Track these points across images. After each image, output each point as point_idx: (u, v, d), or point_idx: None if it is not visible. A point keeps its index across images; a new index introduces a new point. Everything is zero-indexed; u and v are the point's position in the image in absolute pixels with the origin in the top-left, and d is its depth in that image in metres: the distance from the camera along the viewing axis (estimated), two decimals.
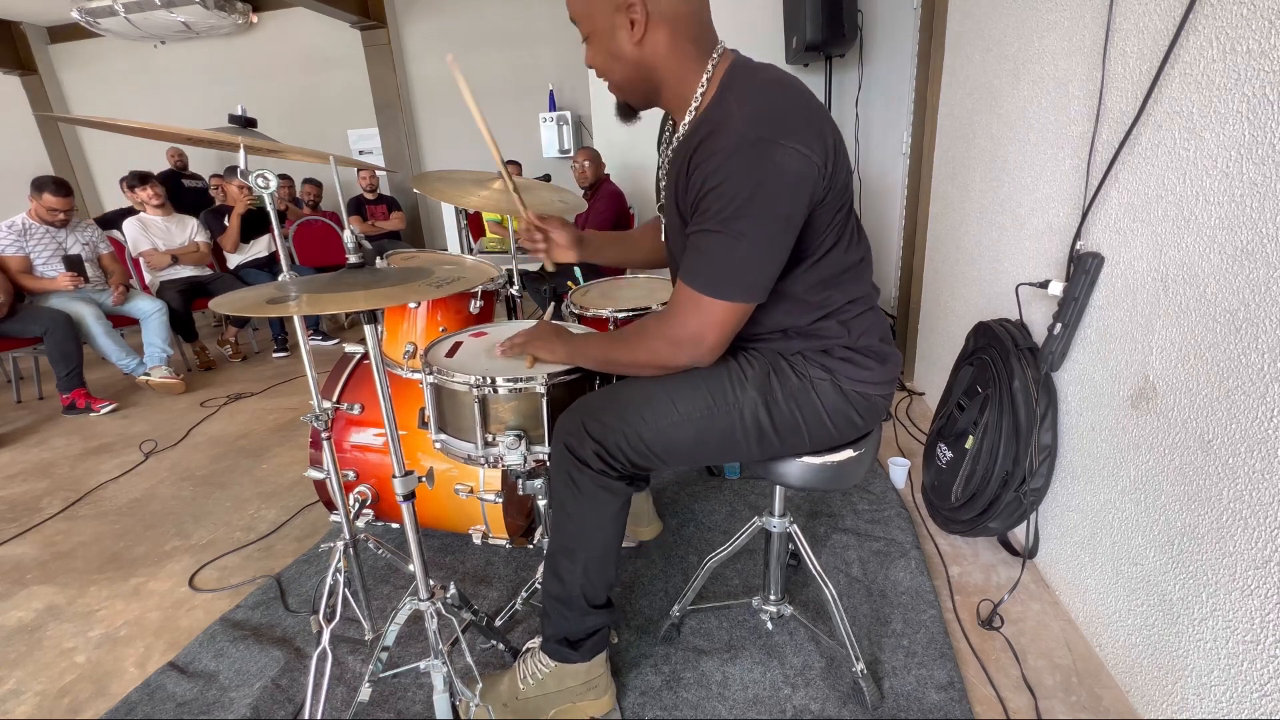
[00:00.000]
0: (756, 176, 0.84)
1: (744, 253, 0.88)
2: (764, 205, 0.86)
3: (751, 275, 0.91)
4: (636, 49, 0.94)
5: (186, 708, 1.30)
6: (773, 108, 0.88)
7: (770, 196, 0.85)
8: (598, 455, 1.03)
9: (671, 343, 0.98)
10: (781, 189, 0.86)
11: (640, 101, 1.04)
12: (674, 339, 0.97)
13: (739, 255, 0.89)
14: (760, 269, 0.91)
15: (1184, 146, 1.09)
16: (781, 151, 0.84)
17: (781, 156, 0.84)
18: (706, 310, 0.93)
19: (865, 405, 1.05)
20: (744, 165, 0.84)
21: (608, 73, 1.00)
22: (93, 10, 5.19)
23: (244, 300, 0.89)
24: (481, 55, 5.59)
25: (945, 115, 2.41)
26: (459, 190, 1.50)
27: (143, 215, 3.73)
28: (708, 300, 0.92)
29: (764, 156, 0.84)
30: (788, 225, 0.89)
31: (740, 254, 0.88)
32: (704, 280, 0.91)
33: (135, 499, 2.20)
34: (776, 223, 0.88)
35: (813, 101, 0.92)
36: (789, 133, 0.85)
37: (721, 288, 0.91)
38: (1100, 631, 1.35)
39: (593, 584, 1.12)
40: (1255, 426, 0.93)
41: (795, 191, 0.87)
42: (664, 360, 1.00)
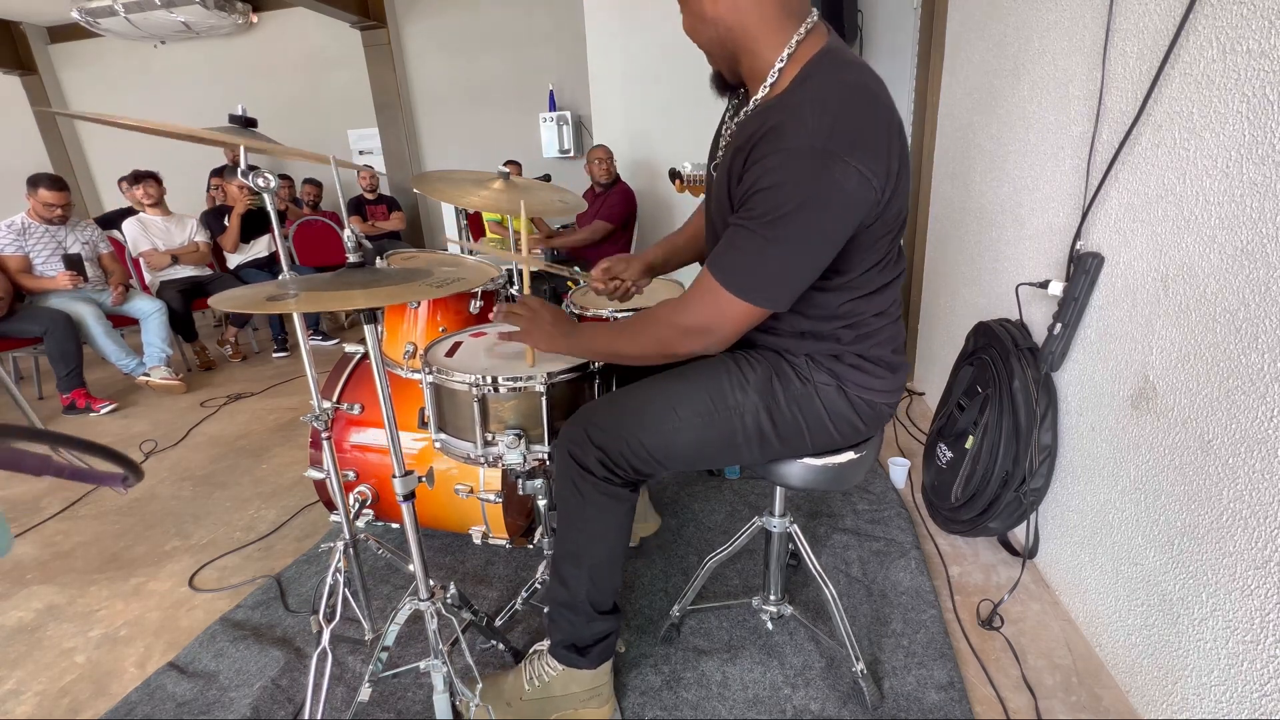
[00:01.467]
0: (811, 189, 0.81)
1: (777, 260, 0.86)
2: (810, 218, 0.83)
3: (779, 283, 0.89)
4: (714, 6, 0.89)
5: (186, 708, 1.30)
6: (848, 119, 0.82)
7: (819, 212, 0.83)
8: (601, 462, 1.03)
9: (682, 330, 0.95)
10: (833, 207, 0.83)
11: (727, 69, 0.99)
12: (685, 327, 0.95)
13: (771, 261, 0.86)
14: (789, 280, 0.89)
15: (1184, 146, 1.09)
16: (843, 169, 0.81)
17: (842, 174, 0.81)
18: (725, 305, 0.90)
19: (870, 412, 1.05)
20: (802, 174, 0.81)
21: (695, 36, 0.96)
22: (93, 10, 5.19)
23: (243, 297, 0.89)
24: (481, 55, 5.59)
25: (945, 115, 2.41)
26: (459, 190, 1.50)
27: (142, 215, 3.73)
28: (728, 296, 0.89)
29: (825, 170, 0.81)
30: (828, 243, 0.87)
31: (773, 260, 0.86)
32: (730, 276, 0.89)
33: (135, 499, 2.20)
34: (818, 238, 0.86)
35: (894, 119, 0.87)
36: (857, 151, 0.81)
37: (746, 288, 0.89)
38: (1100, 631, 1.35)
39: (599, 590, 1.12)
40: (1255, 426, 0.93)
41: (846, 213, 0.84)
42: (671, 348, 0.97)
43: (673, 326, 0.96)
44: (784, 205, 0.82)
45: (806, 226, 0.84)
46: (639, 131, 3.81)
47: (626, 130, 3.83)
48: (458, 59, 5.66)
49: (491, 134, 5.73)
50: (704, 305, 0.92)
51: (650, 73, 3.65)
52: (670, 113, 3.71)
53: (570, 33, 4.97)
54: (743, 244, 0.87)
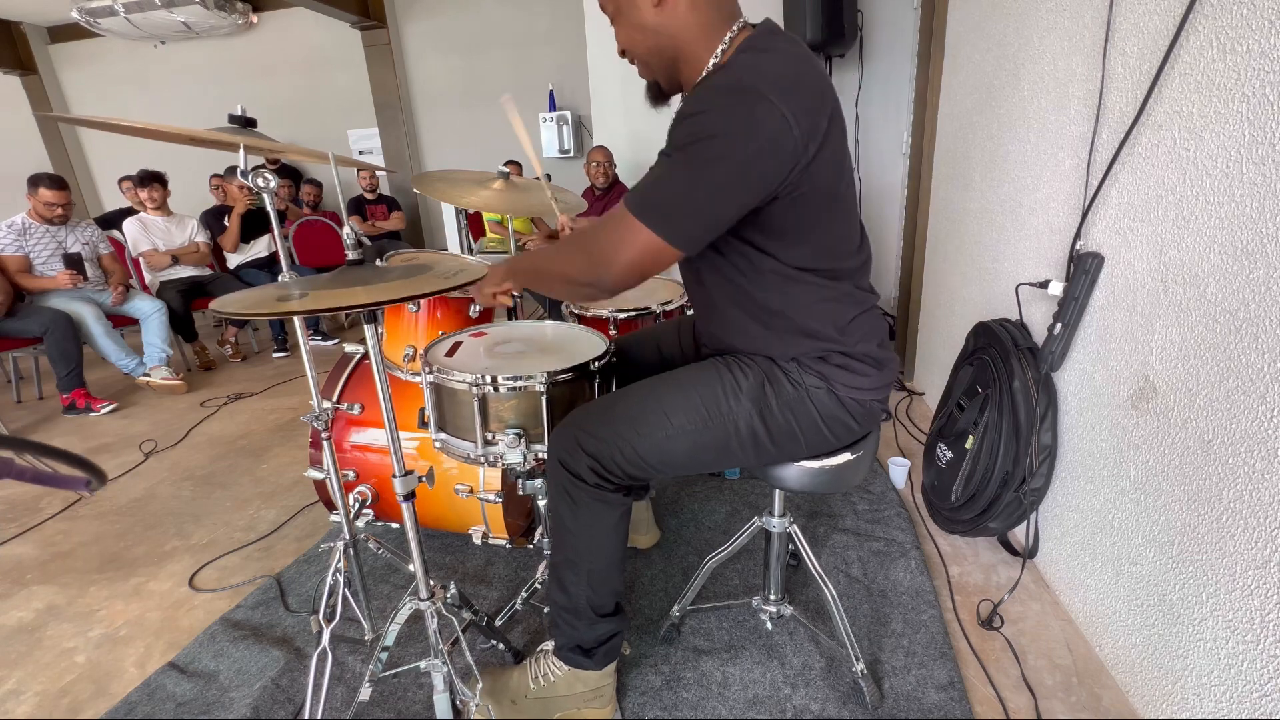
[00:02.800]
0: (730, 120, 0.81)
1: (686, 186, 0.85)
2: (724, 148, 0.82)
3: (684, 212, 0.86)
4: (656, 15, 0.93)
5: (186, 708, 1.30)
6: (776, 66, 0.85)
7: (735, 143, 0.81)
8: (592, 469, 1.02)
9: (586, 255, 0.93)
10: (750, 142, 0.81)
11: (666, 78, 1.02)
12: (589, 252, 0.92)
13: (681, 186, 0.85)
14: (696, 211, 0.86)
15: (1184, 147, 1.09)
16: (766, 107, 0.81)
17: (765, 112, 0.81)
18: (627, 230, 0.87)
19: (861, 411, 1.05)
20: (723, 104, 0.82)
21: (633, 48, 1.00)
22: (93, 10, 5.19)
23: (245, 301, 0.89)
24: (481, 55, 5.59)
25: (945, 115, 2.41)
26: (459, 190, 1.50)
27: (143, 215, 3.73)
28: (633, 221, 0.87)
29: (745, 105, 0.81)
30: (742, 181, 0.84)
31: (682, 185, 0.85)
32: (638, 200, 0.87)
33: (135, 499, 2.20)
34: (730, 172, 0.83)
35: (825, 83, 0.89)
36: (780, 93, 0.81)
37: (651, 213, 0.86)
38: (1100, 631, 1.35)
39: (598, 593, 1.12)
40: (1255, 426, 0.93)
41: (764, 153, 0.82)
42: (574, 273, 0.95)
43: (582, 250, 0.94)
44: (700, 132, 0.83)
45: (720, 156, 0.82)
46: (639, 132, 3.81)
47: (626, 130, 3.83)
48: (458, 59, 5.66)
49: (491, 134, 5.73)
50: (610, 231, 0.90)
51: None
52: (670, 113, 3.70)
53: (570, 33, 4.97)
54: (656, 169, 0.88)
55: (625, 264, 0.89)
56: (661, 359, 1.31)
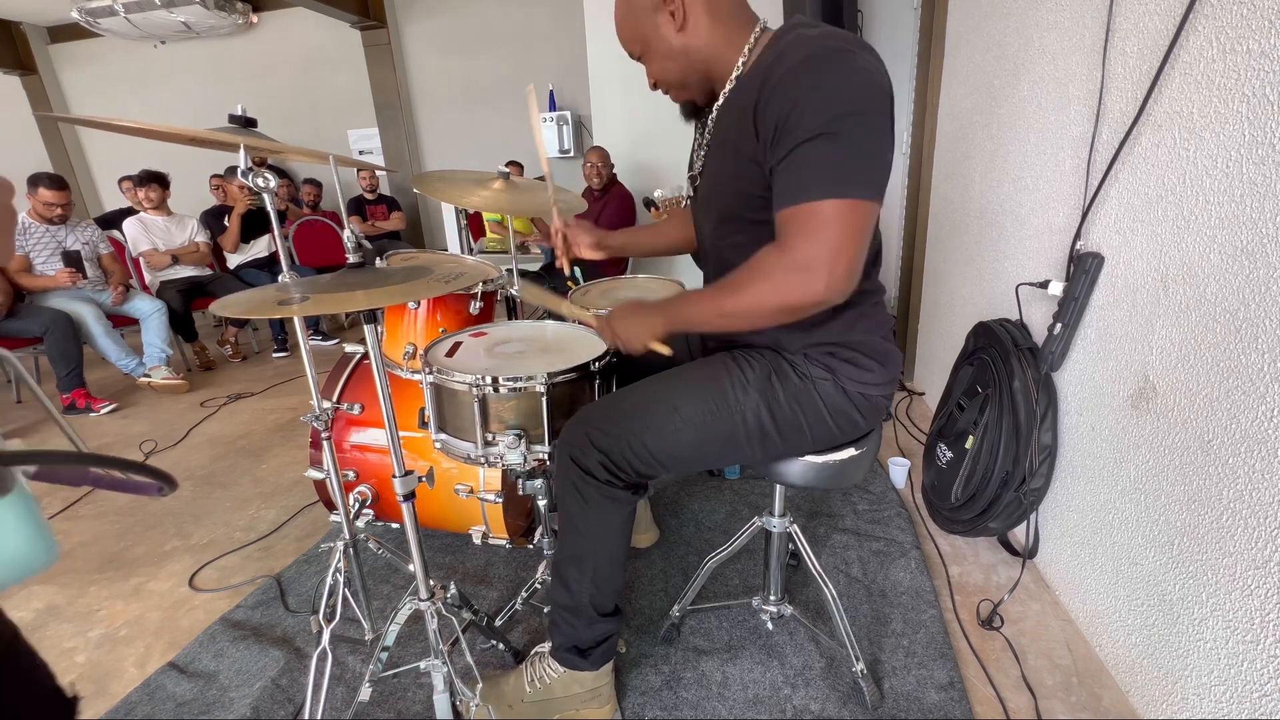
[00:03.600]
0: (844, 80, 0.80)
1: (855, 148, 0.80)
2: (860, 104, 0.80)
3: (866, 170, 0.81)
4: (682, 37, 0.95)
5: (186, 708, 1.30)
6: (840, 35, 0.86)
7: (863, 96, 0.80)
8: (603, 465, 1.03)
9: (798, 270, 0.82)
10: (870, 90, 0.81)
11: (702, 93, 1.03)
12: (799, 264, 0.82)
13: (851, 151, 0.80)
14: (873, 165, 0.82)
15: (1184, 147, 1.09)
16: (861, 59, 0.81)
17: (861, 63, 0.81)
18: (830, 219, 0.80)
19: (867, 405, 1.05)
20: (827, 71, 0.81)
21: (666, 77, 1.01)
22: (93, 10, 5.19)
23: (246, 302, 0.89)
24: (481, 55, 5.59)
25: (945, 115, 2.41)
26: (459, 190, 1.50)
27: (142, 215, 3.73)
28: (829, 206, 0.80)
29: (844, 63, 0.81)
30: (887, 123, 0.83)
31: (852, 149, 0.80)
32: (820, 187, 0.80)
33: (135, 499, 2.20)
34: (874, 121, 0.81)
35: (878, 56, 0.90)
36: (860, 49, 0.83)
37: (842, 186, 0.80)
38: (1100, 631, 1.35)
39: (601, 593, 1.12)
40: (1255, 426, 0.93)
41: (883, 97, 0.82)
42: (790, 296, 0.84)
43: (784, 269, 0.84)
44: (828, 103, 0.80)
45: (859, 111, 0.80)
46: (639, 132, 3.81)
47: (626, 131, 3.83)
48: (458, 59, 5.66)
49: (491, 134, 5.73)
50: (809, 233, 0.82)
51: None
52: (670, 113, 3.70)
53: (570, 33, 4.97)
54: (809, 157, 0.81)
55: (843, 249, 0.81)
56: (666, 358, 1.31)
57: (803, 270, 0.82)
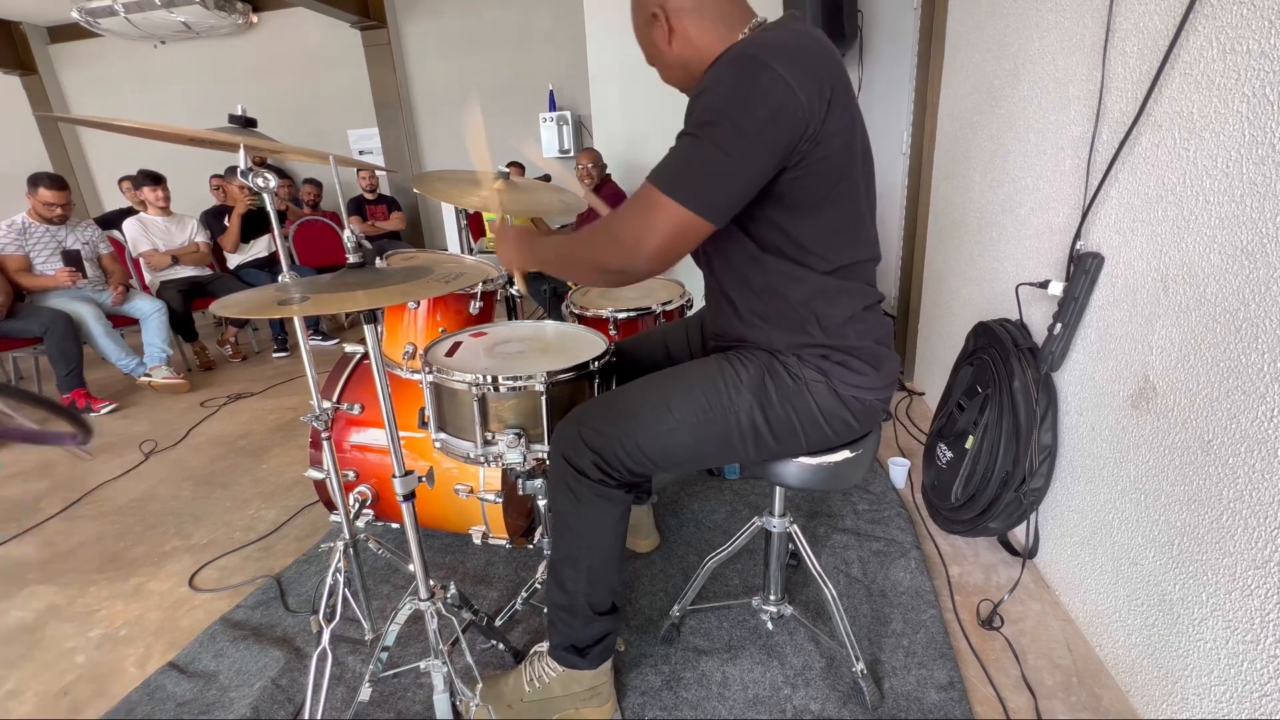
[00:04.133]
0: (738, 90, 0.84)
1: (709, 159, 0.85)
2: (738, 118, 0.83)
3: (711, 185, 0.86)
4: (675, 50, 1.01)
5: (186, 708, 1.30)
6: (777, 37, 0.88)
7: (746, 112, 0.83)
8: (596, 465, 1.03)
9: (614, 239, 0.92)
10: (759, 110, 0.83)
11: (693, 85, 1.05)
12: (617, 236, 0.91)
13: (704, 160, 0.86)
14: (721, 182, 0.86)
15: (1184, 146, 1.09)
16: (768, 75, 0.83)
17: (767, 79, 0.83)
18: (656, 209, 0.87)
19: (861, 408, 1.05)
20: (730, 76, 0.85)
21: (673, 81, 1.08)
22: (93, 10, 5.19)
23: (246, 302, 0.89)
24: (481, 55, 5.59)
25: (945, 115, 2.41)
26: (459, 190, 1.50)
27: (142, 215, 3.73)
28: (661, 199, 0.87)
29: (750, 74, 0.84)
30: (757, 149, 0.85)
31: (705, 159, 0.85)
32: (663, 178, 0.87)
33: (135, 499, 2.20)
34: (748, 140, 0.84)
35: (830, 53, 0.91)
36: (783, 61, 0.83)
37: (678, 188, 0.86)
38: (1100, 631, 1.35)
39: (597, 591, 1.12)
40: (1255, 426, 0.93)
41: (773, 120, 0.84)
42: (603, 259, 0.94)
43: (608, 234, 0.93)
44: (712, 106, 0.85)
45: (736, 125, 0.84)
46: (639, 132, 3.81)
47: (626, 130, 3.83)
48: (458, 59, 5.66)
49: (492, 134, 5.71)
50: (637, 211, 0.89)
51: (650, 73, 3.64)
52: (670, 113, 3.71)
53: (570, 33, 4.97)
54: (677, 148, 0.89)
55: (658, 244, 0.88)
56: (670, 359, 1.31)
57: (619, 242, 0.91)
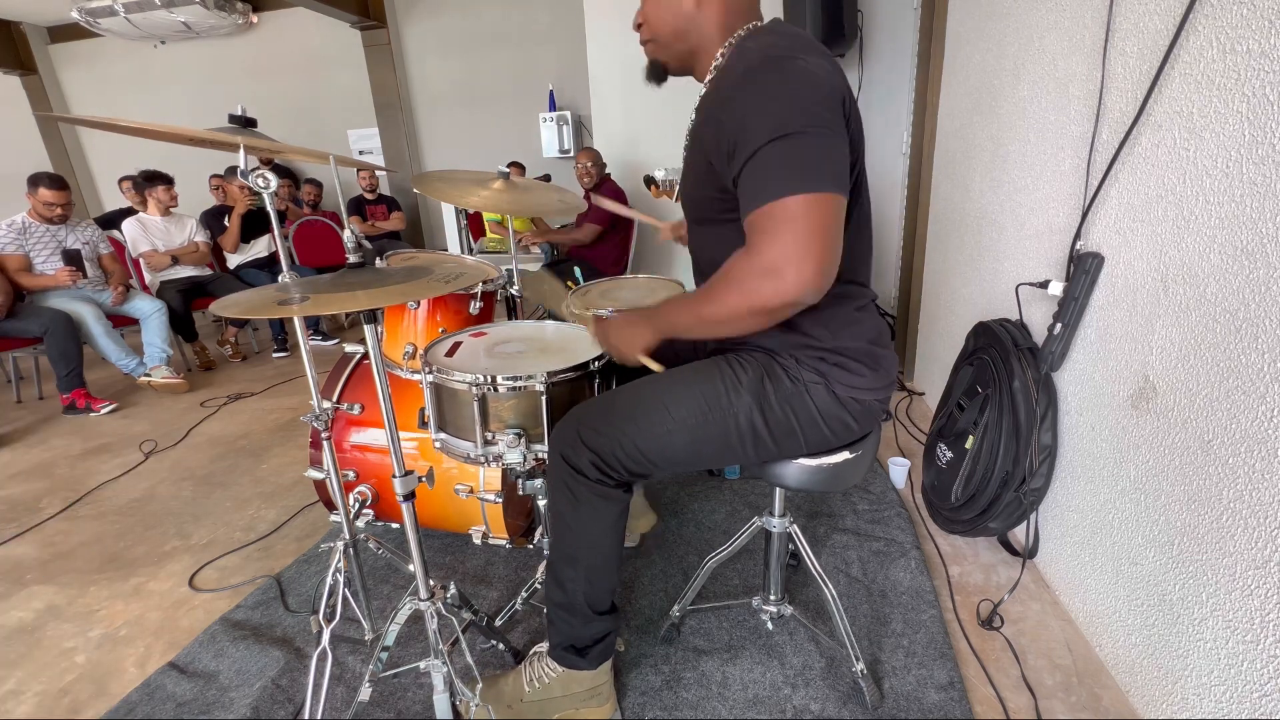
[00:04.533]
0: (787, 86, 0.83)
1: (806, 146, 0.81)
2: (803, 104, 0.82)
3: (825, 162, 0.82)
4: (694, 8, 0.98)
5: (186, 708, 1.30)
6: (787, 39, 0.89)
7: (806, 97, 0.82)
8: (594, 464, 1.03)
9: (766, 273, 0.82)
10: (814, 90, 0.83)
11: (675, 61, 1.05)
12: (767, 267, 0.82)
13: (805, 150, 0.81)
14: (830, 156, 0.82)
15: (1184, 146, 1.09)
16: (798, 64, 0.84)
17: (803, 68, 0.83)
18: (793, 216, 0.80)
19: (860, 410, 1.05)
20: (767, 80, 0.84)
21: (658, 26, 1.02)
22: (93, 10, 5.19)
23: (246, 302, 0.89)
24: (481, 55, 5.59)
25: (945, 115, 2.41)
26: (459, 190, 1.50)
27: (142, 215, 3.73)
28: (791, 203, 0.80)
29: (785, 69, 0.84)
30: (833, 122, 0.83)
31: (805, 148, 0.81)
32: (767, 192, 0.81)
33: (135, 499, 2.20)
34: (821, 118, 0.82)
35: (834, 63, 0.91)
36: (805, 53, 0.85)
37: (800, 182, 0.80)
38: (1100, 631, 1.35)
39: (596, 590, 1.12)
40: (1255, 426, 0.93)
41: (827, 95, 0.84)
42: (761, 299, 0.84)
43: (752, 272, 0.84)
44: (773, 109, 0.82)
45: (806, 110, 0.82)
46: (639, 131, 3.81)
47: (626, 130, 3.83)
48: (458, 59, 5.66)
49: (491, 134, 5.73)
50: (772, 234, 0.81)
51: None
52: (670, 112, 3.71)
53: (570, 33, 4.97)
54: (765, 162, 0.82)
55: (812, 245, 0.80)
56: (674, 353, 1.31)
57: (771, 272, 0.82)
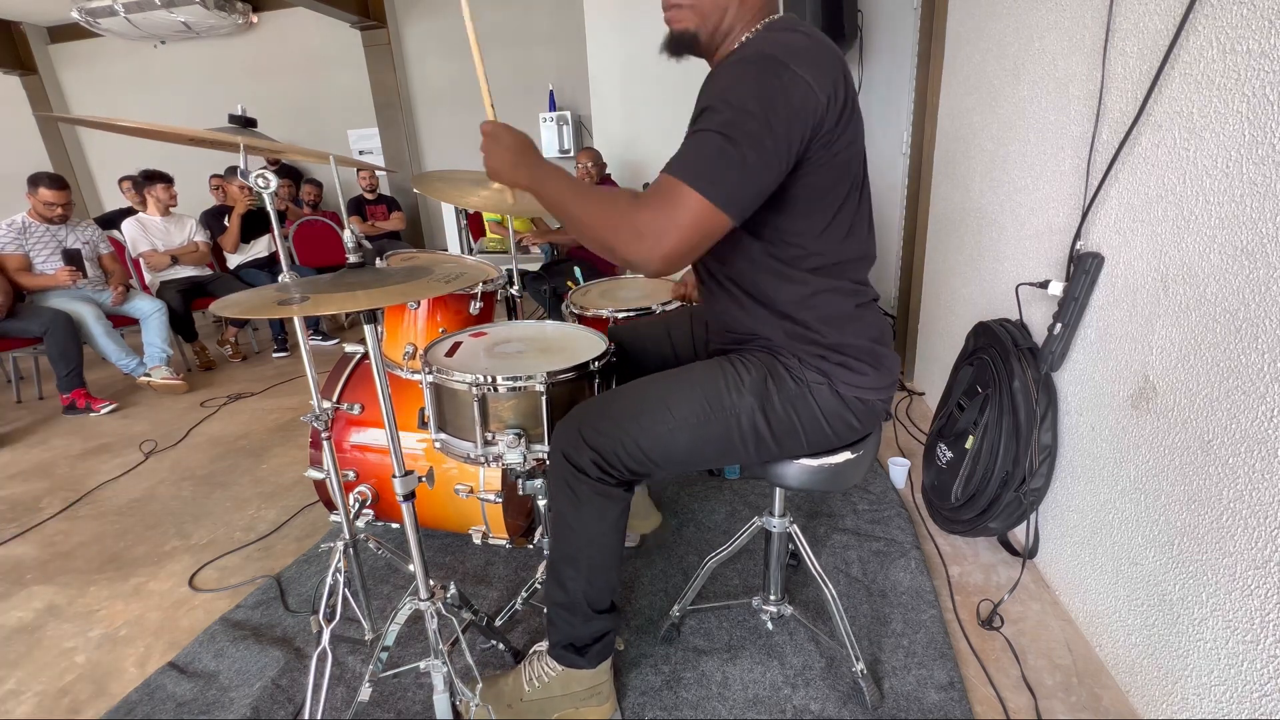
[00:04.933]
0: (763, 88, 0.84)
1: (732, 155, 0.84)
2: (764, 115, 0.83)
3: (734, 179, 0.85)
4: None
5: (186, 708, 1.30)
6: (791, 41, 0.89)
7: (770, 111, 0.83)
8: (595, 464, 1.03)
9: (633, 228, 0.87)
10: (783, 109, 0.84)
11: (707, 36, 1.00)
12: (638, 225, 0.87)
13: (727, 155, 0.84)
14: (744, 177, 0.85)
15: (1184, 146, 1.09)
16: (790, 75, 0.84)
17: (789, 80, 0.84)
18: (680, 202, 0.84)
19: (863, 409, 1.05)
20: (752, 76, 0.85)
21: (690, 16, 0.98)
22: (93, 10, 5.19)
23: (246, 302, 0.89)
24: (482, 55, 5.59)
25: (945, 115, 2.41)
26: (459, 190, 1.50)
27: (141, 216, 3.73)
28: (685, 191, 0.84)
29: (772, 74, 0.84)
30: (780, 147, 0.85)
31: (728, 154, 0.84)
32: (686, 169, 0.85)
33: (135, 499, 2.20)
34: (770, 140, 0.84)
35: (840, 60, 0.92)
36: (802, 64, 0.85)
37: (702, 180, 0.84)
38: (1100, 631, 1.35)
39: (596, 589, 1.12)
40: (1255, 426, 0.93)
41: (795, 118, 0.85)
42: (618, 245, 0.89)
43: (627, 218, 0.88)
44: (735, 102, 0.84)
45: (760, 125, 0.84)
46: (639, 131, 3.81)
47: (626, 130, 3.83)
48: (458, 59, 5.66)
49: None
50: (660, 203, 0.86)
51: (650, 73, 3.65)
52: (670, 112, 3.71)
53: (570, 33, 4.97)
54: (698, 142, 0.86)
55: (679, 240, 0.85)
56: (673, 347, 1.32)
57: (639, 231, 0.87)
